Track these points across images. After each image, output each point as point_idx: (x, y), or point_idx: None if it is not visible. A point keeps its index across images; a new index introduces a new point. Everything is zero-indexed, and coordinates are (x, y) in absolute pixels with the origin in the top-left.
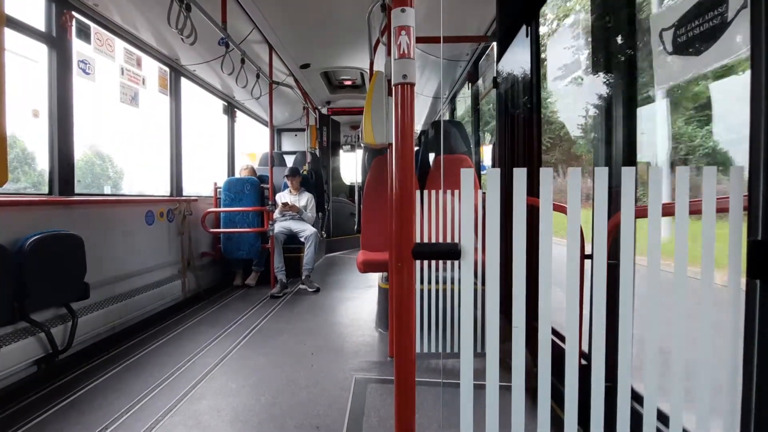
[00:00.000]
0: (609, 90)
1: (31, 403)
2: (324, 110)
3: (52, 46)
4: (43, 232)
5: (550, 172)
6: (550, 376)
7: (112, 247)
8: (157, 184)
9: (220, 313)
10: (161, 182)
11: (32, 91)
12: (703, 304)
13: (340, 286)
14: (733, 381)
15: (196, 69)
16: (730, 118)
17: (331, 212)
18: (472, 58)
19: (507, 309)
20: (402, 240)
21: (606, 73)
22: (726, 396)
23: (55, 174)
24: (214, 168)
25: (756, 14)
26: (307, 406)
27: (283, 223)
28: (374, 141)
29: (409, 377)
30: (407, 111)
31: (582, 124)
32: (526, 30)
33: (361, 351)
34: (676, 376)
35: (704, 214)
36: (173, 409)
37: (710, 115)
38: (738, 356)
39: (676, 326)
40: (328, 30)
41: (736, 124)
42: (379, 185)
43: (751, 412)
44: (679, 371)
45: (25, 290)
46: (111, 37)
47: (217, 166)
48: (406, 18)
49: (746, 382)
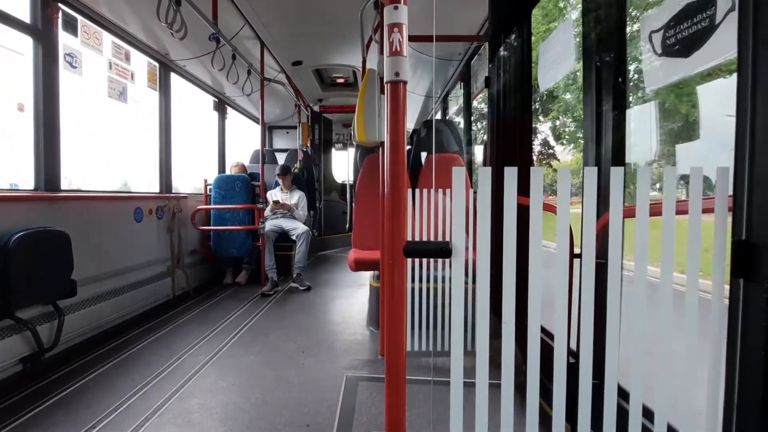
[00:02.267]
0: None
1: (16, 402)
2: (316, 108)
3: (37, 39)
4: (29, 229)
5: (541, 171)
6: (538, 373)
7: (99, 244)
8: (139, 182)
9: (210, 311)
10: (143, 179)
11: (16, 84)
12: (688, 302)
13: (331, 284)
14: (716, 378)
15: (186, 64)
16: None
17: (323, 210)
18: (464, 57)
19: (497, 307)
20: (393, 238)
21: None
22: (710, 393)
23: (41, 169)
24: (200, 164)
25: (743, 17)
26: (298, 404)
27: (275, 221)
28: (366, 139)
29: (399, 375)
30: (399, 108)
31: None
32: (518, 30)
33: (352, 349)
34: (662, 374)
35: (690, 214)
36: (162, 407)
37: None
38: (721, 353)
39: (661, 324)
40: (321, 27)
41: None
42: (370, 183)
43: (734, 409)
44: (664, 369)
45: (10, 287)
46: (99, 30)
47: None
48: (398, 15)
49: (729, 379)
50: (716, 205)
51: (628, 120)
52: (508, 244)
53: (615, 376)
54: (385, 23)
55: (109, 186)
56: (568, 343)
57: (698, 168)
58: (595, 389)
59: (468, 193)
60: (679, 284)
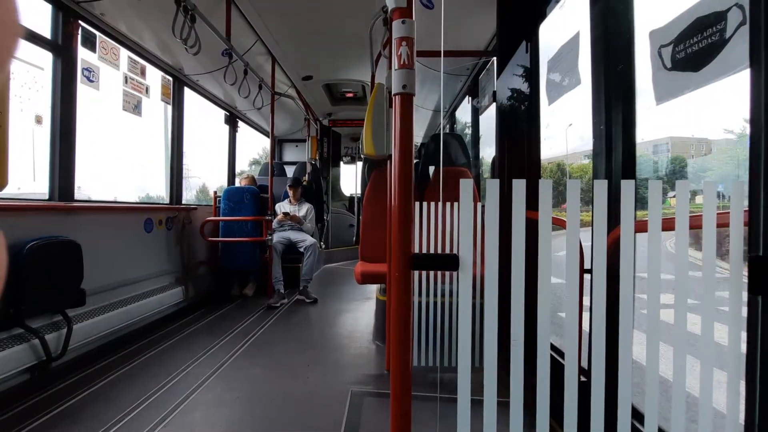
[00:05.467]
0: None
1: (22, 410)
2: (325, 122)
3: (57, 54)
4: (42, 238)
5: (550, 184)
6: (548, 392)
7: (109, 255)
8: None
9: (216, 322)
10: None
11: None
12: (704, 320)
13: (338, 297)
14: (735, 398)
15: (199, 79)
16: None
17: (330, 223)
18: (472, 72)
19: (505, 322)
20: (400, 250)
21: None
22: (729, 414)
23: (56, 180)
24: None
25: (755, 31)
26: (302, 419)
27: (283, 233)
28: (374, 152)
29: (405, 391)
30: (407, 120)
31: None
32: (526, 46)
33: (358, 363)
34: (677, 395)
35: (705, 229)
36: (166, 419)
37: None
38: (740, 373)
39: (676, 345)
40: (331, 43)
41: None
42: (378, 197)
43: (755, 429)
44: (679, 390)
45: (22, 296)
46: (116, 45)
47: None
48: (407, 29)
49: (749, 401)
50: (731, 220)
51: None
52: (517, 258)
53: (629, 396)
54: (393, 37)
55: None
56: (579, 360)
57: (711, 182)
58: (608, 409)
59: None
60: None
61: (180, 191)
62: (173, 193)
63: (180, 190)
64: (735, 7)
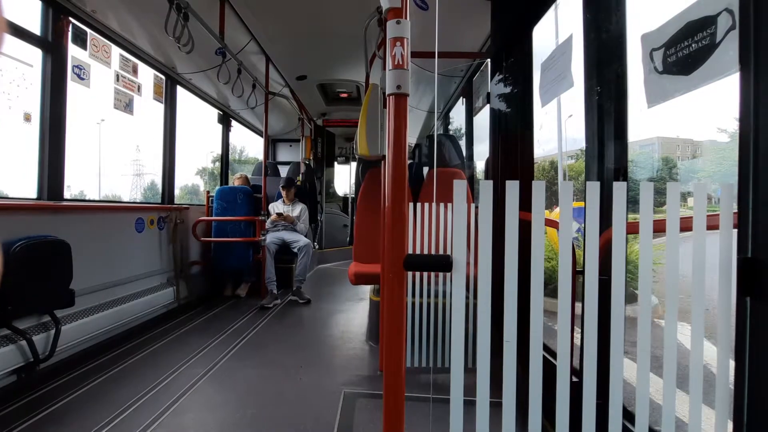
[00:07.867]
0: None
1: (8, 413)
2: (319, 122)
3: (47, 51)
4: (30, 237)
5: (543, 185)
6: (541, 392)
7: (100, 254)
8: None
9: (208, 323)
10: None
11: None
12: (694, 322)
13: (331, 298)
14: (725, 399)
15: (193, 77)
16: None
17: (324, 223)
18: (466, 74)
19: (498, 323)
20: (394, 251)
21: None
22: (718, 415)
23: (45, 178)
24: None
25: (744, 35)
26: (295, 420)
27: (276, 234)
28: (368, 152)
29: (398, 392)
30: (401, 121)
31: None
32: (519, 48)
33: (351, 364)
34: (668, 396)
35: (695, 230)
36: (156, 421)
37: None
38: (729, 374)
39: (667, 346)
40: (326, 43)
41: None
42: (372, 197)
43: (743, 429)
44: (670, 391)
45: (10, 296)
46: (107, 43)
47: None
48: (401, 30)
49: (738, 401)
50: (721, 222)
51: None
52: (510, 259)
53: (620, 396)
54: (388, 37)
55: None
56: (571, 361)
57: (702, 184)
58: (600, 409)
59: (469, 206)
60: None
61: (172, 191)
62: (165, 193)
63: (172, 190)
64: (725, 11)
